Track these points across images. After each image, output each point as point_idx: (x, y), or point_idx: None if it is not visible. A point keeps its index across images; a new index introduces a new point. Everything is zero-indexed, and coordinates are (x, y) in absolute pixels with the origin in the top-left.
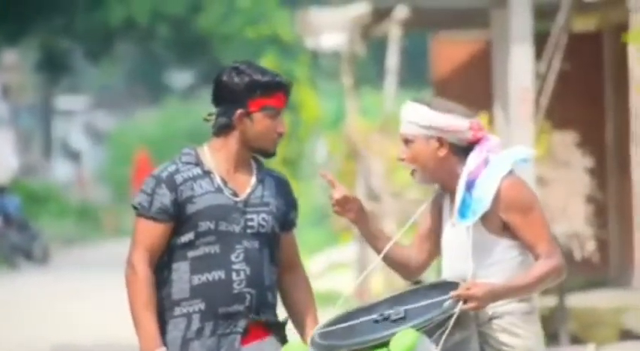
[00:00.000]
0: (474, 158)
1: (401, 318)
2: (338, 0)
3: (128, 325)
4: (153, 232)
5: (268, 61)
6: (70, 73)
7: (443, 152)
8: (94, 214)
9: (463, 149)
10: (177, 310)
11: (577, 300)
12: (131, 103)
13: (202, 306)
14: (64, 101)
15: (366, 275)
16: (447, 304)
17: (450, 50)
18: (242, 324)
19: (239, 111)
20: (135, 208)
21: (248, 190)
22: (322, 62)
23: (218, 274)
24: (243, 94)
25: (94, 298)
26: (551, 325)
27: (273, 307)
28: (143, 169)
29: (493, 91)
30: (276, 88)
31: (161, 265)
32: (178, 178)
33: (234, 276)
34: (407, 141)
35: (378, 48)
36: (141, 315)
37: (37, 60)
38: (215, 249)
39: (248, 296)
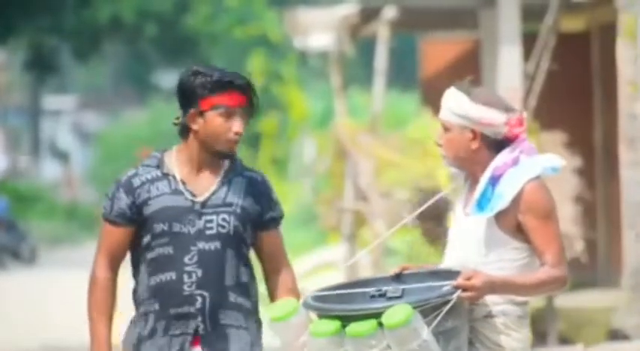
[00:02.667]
0: (504, 155)
1: (397, 297)
2: (326, 0)
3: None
4: (113, 235)
5: (256, 61)
6: (58, 73)
7: (475, 144)
8: (82, 214)
9: (498, 143)
10: (140, 310)
11: (565, 300)
12: (119, 103)
13: (157, 306)
14: (51, 101)
15: (355, 275)
16: (445, 289)
17: (438, 51)
18: (193, 325)
19: (191, 110)
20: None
21: (210, 190)
22: (310, 62)
23: (170, 275)
24: (194, 93)
25: (82, 299)
26: (540, 326)
27: (241, 307)
28: None
29: None
30: (228, 86)
31: (133, 268)
32: (136, 182)
33: (185, 278)
34: (444, 127)
35: (366, 48)
36: (93, 319)
37: (24, 59)
38: (169, 250)
39: (199, 298)
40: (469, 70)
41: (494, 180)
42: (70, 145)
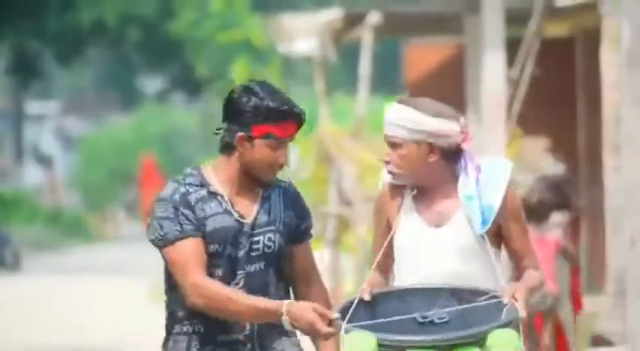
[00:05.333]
0: (470, 167)
1: (445, 322)
2: (310, 5)
3: (98, 329)
4: (194, 248)
5: (240, 66)
6: (41, 77)
7: (433, 158)
8: (66, 220)
9: (452, 152)
10: (177, 329)
11: None
12: (102, 107)
13: (202, 328)
14: (34, 106)
15: (339, 280)
16: (507, 308)
17: (422, 55)
18: None
19: (241, 133)
20: (159, 240)
21: (254, 211)
22: (295, 67)
23: None
24: (249, 116)
25: (65, 303)
26: None
27: (282, 328)
28: (150, 173)
29: (465, 96)
30: (284, 117)
31: (172, 285)
32: (192, 199)
33: None
34: (394, 145)
35: (350, 53)
36: (244, 306)
37: (7, 64)
38: (218, 272)
39: (248, 325)
40: (453, 75)
41: (477, 192)
42: (53, 149)
